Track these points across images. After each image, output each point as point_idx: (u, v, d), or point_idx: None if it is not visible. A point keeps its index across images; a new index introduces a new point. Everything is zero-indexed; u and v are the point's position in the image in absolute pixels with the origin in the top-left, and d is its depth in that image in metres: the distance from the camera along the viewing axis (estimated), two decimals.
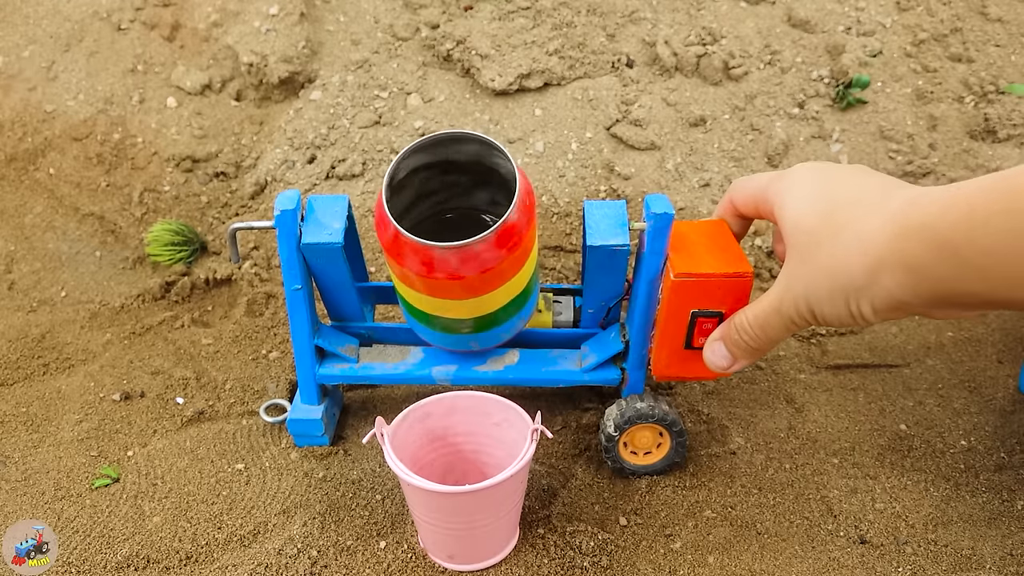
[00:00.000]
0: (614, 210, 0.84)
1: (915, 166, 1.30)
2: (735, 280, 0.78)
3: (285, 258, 0.83)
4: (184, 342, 1.16)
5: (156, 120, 1.42)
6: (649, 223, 0.80)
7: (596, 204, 0.85)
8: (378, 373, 0.93)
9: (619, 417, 0.89)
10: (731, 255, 0.80)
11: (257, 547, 0.86)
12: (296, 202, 0.81)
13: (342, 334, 0.94)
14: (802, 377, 1.10)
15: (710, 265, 0.78)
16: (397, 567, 0.84)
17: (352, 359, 0.93)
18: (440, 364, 0.93)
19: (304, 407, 0.95)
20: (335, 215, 0.84)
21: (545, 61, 1.36)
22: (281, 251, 0.83)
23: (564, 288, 0.97)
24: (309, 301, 0.87)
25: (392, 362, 0.94)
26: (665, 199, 0.81)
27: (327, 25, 1.46)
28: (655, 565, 0.84)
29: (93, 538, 0.87)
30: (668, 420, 0.89)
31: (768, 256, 1.27)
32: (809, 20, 1.40)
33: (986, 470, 0.96)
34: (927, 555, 0.85)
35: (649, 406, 0.88)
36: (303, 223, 0.83)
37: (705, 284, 0.78)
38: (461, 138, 0.75)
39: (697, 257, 0.80)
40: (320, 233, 0.82)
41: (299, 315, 0.87)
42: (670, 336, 0.83)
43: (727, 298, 0.79)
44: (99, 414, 1.04)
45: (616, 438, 0.90)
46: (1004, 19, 1.39)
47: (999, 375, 1.09)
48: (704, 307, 0.80)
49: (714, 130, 1.34)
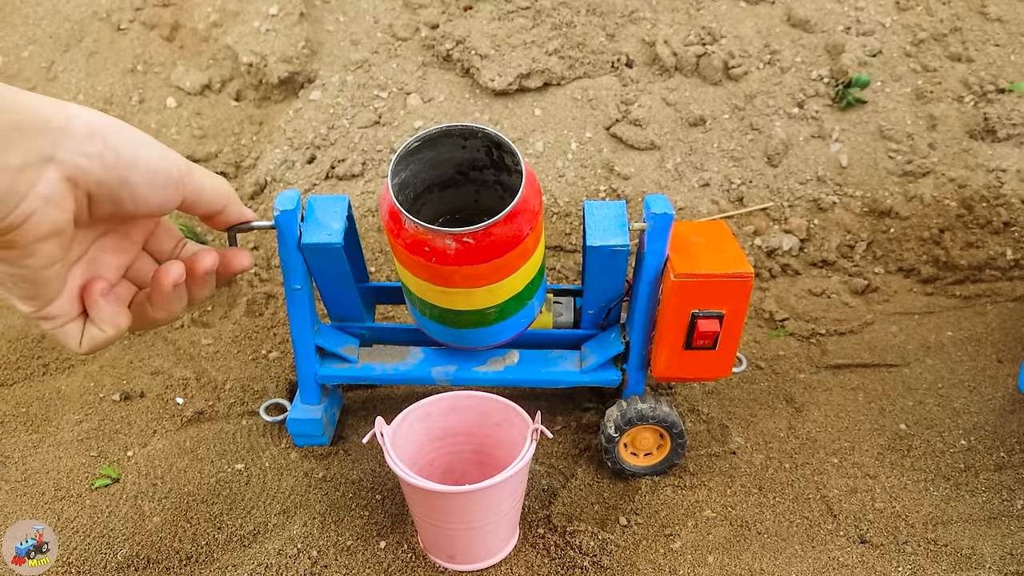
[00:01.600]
0: (614, 210, 0.84)
1: (915, 165, 1.30)
2: (735, 280, 0.78)
3: (285, 258, 0.83)
4: (184, 342, 1.16)
5: (156, 120, 1.42)
6: (649, 223, 0.80)
7: (596, 204, 0.85)
8: (378, 373, 0.93)
9: (620, 418, 0.89)
10: (731, 255, 0.80)
11: (257, 547, 0.86)
12: (296, 202, 0.81)
13: (342, 334, 0.94)
14: (802, 377, 1.10)
15: (710, 265, 0.78)
16: (397, 567, 0.84)
17: (352, 359, 0.93)
18: (440, 364, 0.93)
19: (304, 407, 0.95)
20: (335, 215, 0.84)
21: (545, 61, 1.36)
22: (281, 251, 0.83)
23: (564, 289, 0.97)
24: (309, 301, 0.87)
25: (392, 362, 0.94)
26: (665, 199, 0.81)
27: (327, 25, 1.46)
28: (655, 565, 0.84)
29: (93, 538, 0.87)
30: (669, 421, 0.89)
31: (768, 256, 1.27)
32: (809, 20, 1.40)
33: (986, 470, 0.96)
34: (927, 555, 0.85)
35: (650, 407, 0.88)
36: (303, 223, 0.83)
37: (705, 284, 0.78)
38: (462, 132, 0.75)
39: (697, 257, 0.80)
40: (320, 233, 0.82)
41: (299, 315, 0.87)
42: (670, 337, 0.83)
43: (727, 298, 0.79)
44: (99, 414, 1.04)
45: (616, 439, 0.90)
46: (1004, 19, 1.39)
47: (999, 375, 1.09)
48: (704, 307, 0.80)
49: (714, 130, 1.34)
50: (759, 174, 1.32)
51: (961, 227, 1.27)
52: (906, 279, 1.27)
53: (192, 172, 0.52)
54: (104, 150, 0.46)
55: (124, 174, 0.47)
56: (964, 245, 1.26)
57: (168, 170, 0.49)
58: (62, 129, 0.44)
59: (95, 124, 0.46)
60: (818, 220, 1.29)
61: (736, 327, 0.82)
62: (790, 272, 1.27)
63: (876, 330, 1.18)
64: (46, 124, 0.43)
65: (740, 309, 0.80)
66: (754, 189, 1.31)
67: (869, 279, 1.25)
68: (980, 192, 1.28)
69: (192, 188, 0.52)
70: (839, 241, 1.28)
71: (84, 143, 0.45)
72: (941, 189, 1.29)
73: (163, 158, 0.49)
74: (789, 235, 1.28)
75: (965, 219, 1.28)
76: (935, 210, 1.28)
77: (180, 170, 0.50)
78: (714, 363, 0.85)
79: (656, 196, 0.82)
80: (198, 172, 0.53)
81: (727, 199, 1.31)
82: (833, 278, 1.26)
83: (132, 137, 0.48)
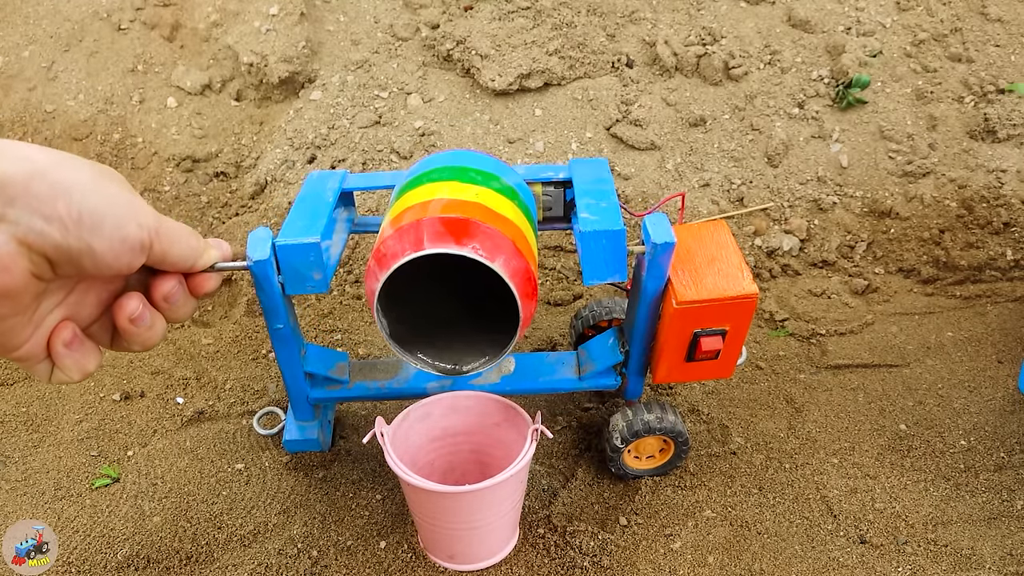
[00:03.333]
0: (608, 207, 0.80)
1: (915, 166, 1.30)
2: (739, 301, 0.75)
3: (264, 302, 0.78)
4: (184, 342, 1.16)
5: (156, 120, 1.42)
6: (650, 252, 0.75)
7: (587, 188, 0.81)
8: (372, 392, 0.91)
9: (626, 430, 0.87)
10: (733, 270, 0.77)
11: (257, 547, 0.86)
12: (269, 247, 0.74)
13: (329, 352, 0.91)
14: (802, 377, 1.10)
15: (713, 288, 0.75)
16: (397, 567, 0.84)
17: (344, 379, 0.90)
18: (434, 378, 0.91)
19: (299, 424, 0.93)
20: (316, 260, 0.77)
21: (545, 61, 1.36)
22: (259, 295, 0.78)
23: (554, 180, 0.87)
24: (293, 336, 0.83)
25: (385, 379, 0.91)
26: (665, 223, 0.75)
27: (327, 25, 1.46)
28: (655, 565, 0.84)
29: (93, 538, 0.87)
30: (675, 431, 0.88)
31: (768, 256, 1.27)
32: (809, 20, 1.40)
33: (986, 470, 0.96)
34: (927, 555, 0.85)
35: (656, 418, 0.87)
36: (281, 275, 0.77)
37: (708, 308, 0.75)
38: None
39: (699, 277, 0.76)
40: (302, 285, 0.77)
41: (285, 350, 0.84)
42: (671, 351, 0.80)
43: (731, 317, 0.77)
44: (99, 414, 1.04)
45: (622, 449, 0.89)
46: (1004, 19, 1.39)
47: (999, 375, 1.09)
48: (707, 326, 0.77)
49: (714, 130, 1.34)
50: (759, 174, 1.32)
51: (961, 227, 1.27)
52: (906, 279, 1.27)
53: (160, 235, 0.50)
54: (66, 214, 0.43)
55: (86, 240, 0.45)
56: (964, 245, 1.26)
57: (135, 237, 0.47)
58: (21, 186, 0.42)
59: (60, 182, 0.43)
60: (818, 220, 1.29)
61: (739, 338, 0.80)
62: (790, 272, 1.27)
63: (876, 330, 1.18)
64: (1, 180, 0.41)
65: (744, 324, 0.78)
66: (754, 189, 1.31)
67: (869, 279, 1.25)
68: (980, 192, 1.28)
69: (158, 251, 0.50)
70: (839, 241, 1.28)
71: (45, 204, 0.43)
72: (941, 189, 1.29)
73: (131, 220, 0.47)
74: (789, 235, 1.28)
75: (965, 219, 1.28)
76: (935, 210, 1.28)
77: (148, 233, 0.48)
78: (716, 368, 0.83)
79: (656, 219, 0.76)
80: (166, 235, 0.50)
81: (727, 199, 1.31)
82: (833, 278, 1.26)
83: (100, 196, 0.45)
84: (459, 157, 0.78)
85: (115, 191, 0.47)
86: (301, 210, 0.79)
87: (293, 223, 0.76)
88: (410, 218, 0.68)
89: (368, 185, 0.87)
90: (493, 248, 0.66)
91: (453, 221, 0.66)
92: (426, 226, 0.66)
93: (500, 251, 0.66)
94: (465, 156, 0.78)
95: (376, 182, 0.87)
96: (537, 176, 0.83)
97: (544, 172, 0.84)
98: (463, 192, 0.71)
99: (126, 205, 0.47)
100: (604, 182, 0.82)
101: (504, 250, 0.66)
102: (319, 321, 1.18)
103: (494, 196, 0.72)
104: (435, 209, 0.68)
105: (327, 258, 0.77)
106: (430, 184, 0.73)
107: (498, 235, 0.67)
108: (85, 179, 0.45)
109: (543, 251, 1.27)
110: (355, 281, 1.24)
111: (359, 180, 0.88)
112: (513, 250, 0.67)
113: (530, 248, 0.72)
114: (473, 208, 0.69)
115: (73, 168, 0.45)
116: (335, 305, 1.21)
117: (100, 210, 0.45)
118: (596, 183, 0.81)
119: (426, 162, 0.79)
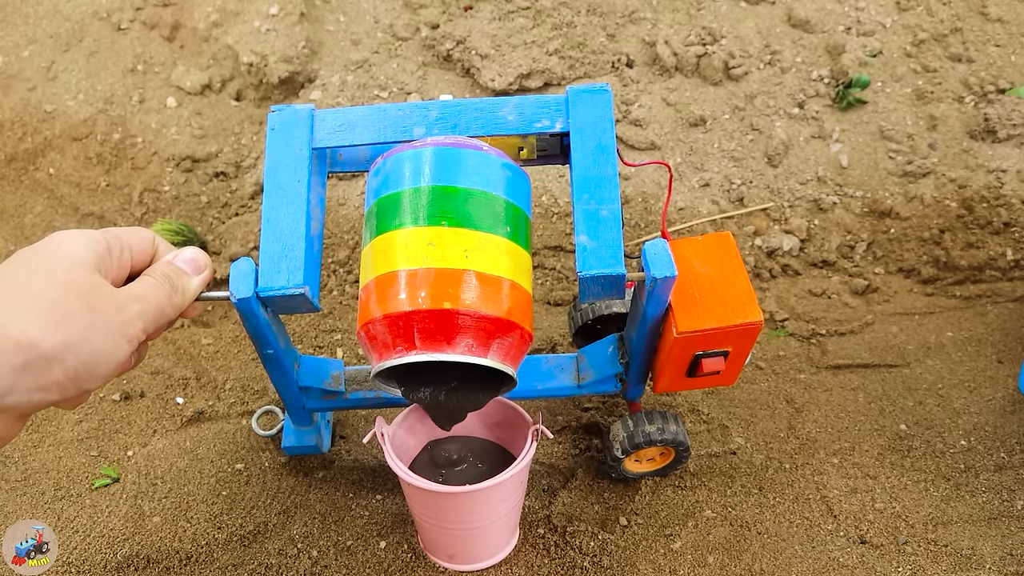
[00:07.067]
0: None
1: (915, 166, 1.30)
2: (742, 329, 0.73)
3: (250, 332, 0.75)
4: (184, 342, 1.16)
5: (156, 120, 1.42)
6: (650, 285, 0.70)
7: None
8: (370, 401, 0.89)
9: (627, 441, 0.86)
10: (739, 294, 0.74)
11: (257, 547, 0.86)
12: (252, 284, 0.69)
13: (323, 363, 0.88)
14: (802, 377, 1.10)
15: (716, 315, 0.72)
16: (397, 567, 0.84)
17: (340, 390, 0.87)
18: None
19: (296, 430, 0.93)
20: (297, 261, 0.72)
21: (545, 61, 1.36)
22: (245, 325, 0.74)
23: (550, 132, 0.82)
24: (284, 356, 0.80)
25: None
26: (666, 254, 0.70)
27: (327, 25, 1.46)
28: (655, 565, 0.84)
29: (93, 538, 0.87)
30: (677, 441, 0.87)
31: (768, 256, 1.27)
32: (809, 20, 1.40)
33: (986, 470, 0.96)
34: (927, 555, 0.85)
35: (658, 429, 0.86)
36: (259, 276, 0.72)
37: (711, 335, 0.73)
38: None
39: (702, 305, 0.73)
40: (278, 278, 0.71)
41: (277, 370, 0.81)
42: (672, 368, 0.79)
43: (734, 341, 0.75)
44: (99, 414, 1.04)
45: (622, 459, 0.89)
46: (1004, 19, 1.39)
47: (999, 375, 1.09)
48: (709, 349, 0.75)
49: (714, 130, 1.34)
50: (759, 174, 1.32)
51: (961, 227, 1.27)
52: (906, 279, 1.27)
53: (144, 333, 0.52)
54: (63, 375, 0.44)
55: (82, 386, 0.47)
56: (964, 245, 1.26)
57: (126, 359, 0.50)
58: (19, 368, 0.42)
59: (57, 345, 0.44)
60: (818, 220, 1.29)
61: (742, 356, 0.78)
62: (790, 272, 1.27)
63: (876, 330, 1.17)
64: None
65: (747, 345, 0.76)
66: (754, 189, 1.31)
67: (869, 279, 1.25)
68: (980, 193, 1.28)
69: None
70: (839, 241, 1.28)
71: (42, 375, 0.43)
72: (941, 189, 1.29)
73: (121, 343, 0.48)
74: (789, 235, 1.28)
75: (965, 219, 1.27)
76: (935, 210, 1.28)
77: (132, 345, 0.51)
78: (718, 380, 0.82)
79: (655, 246, 0.70)
80: (148, 329, 0.52)
81: (727, 199, 1.31)
82: (833, 278, 1.26)
83: (95, 341, 0.46)
84: (448, 165, 0.70)
85: (107, 320, 0.48)
86: (274, 228, 0.72)
87: (270, 255, 0.71)
88: (395, 297, 0.65)
89: (343, 143, 0.76)
90: (486, 336, 0.65)
91: (443, 316, 0.63)
92: (416, 322, 0.64)
93: (494, 335, 0.65)
94: (454, 161, 0.70)
95: (353, 138, 0.76)
96: (531, 128, 0.77)
97: (539, 119, 0.77)
98: (453, 254, 0.66)
99: (118, 325, 0.49)
100: (605, 150, 0.76)
101: (498, 331, 0.65)
102: (319, 321, 1.18)
103: (488, 247, 0.67)
104: (424, 290, 0.64)
105: (314, 294, 0.73)
106: (416, 229, 0.67)
107: (489, 320, 0.65)
108: (80, 327, 0.46)
109: (543, 251, 1.27)
110: (355, 281, 1.24)
111: (331, 136, 0.76)
112: (506, 325, 0.66)
113: (525, 293, 0.69)
114: (465, 284, 0.65)
115: (67, 321, 0.45)
116: (335, 305, 1.21)
117: (95, 360, 0.47)
118: (597, 152, 0.76)
119: (412, 165, 0.70)
